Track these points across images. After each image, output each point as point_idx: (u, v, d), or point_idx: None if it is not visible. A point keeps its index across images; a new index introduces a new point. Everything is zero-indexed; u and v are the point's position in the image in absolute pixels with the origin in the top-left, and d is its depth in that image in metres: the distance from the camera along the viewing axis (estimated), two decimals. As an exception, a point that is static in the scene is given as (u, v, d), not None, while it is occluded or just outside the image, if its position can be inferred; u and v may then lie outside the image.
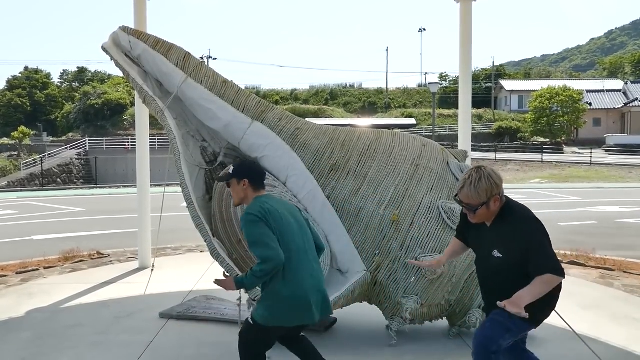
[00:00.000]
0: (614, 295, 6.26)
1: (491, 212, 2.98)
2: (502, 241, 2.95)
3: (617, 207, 15.84)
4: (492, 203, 2.94)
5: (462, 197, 2.96)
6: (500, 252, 2.95)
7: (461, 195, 2.97)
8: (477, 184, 2.90)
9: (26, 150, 39.85)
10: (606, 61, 78.40)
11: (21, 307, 5.80)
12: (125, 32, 4.86)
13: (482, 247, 3.09)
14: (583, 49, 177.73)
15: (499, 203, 2.96)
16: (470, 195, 2.91)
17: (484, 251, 3.06)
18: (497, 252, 2.95)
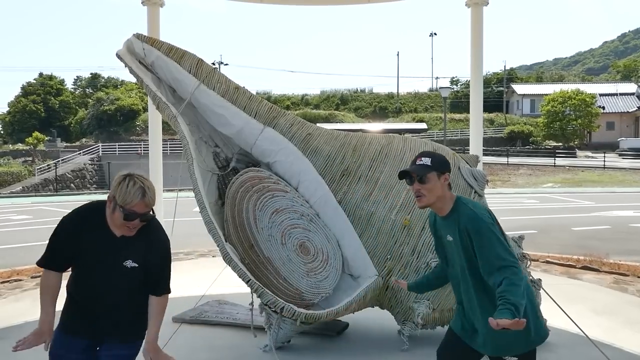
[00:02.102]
0: (628, 300, 6.21)
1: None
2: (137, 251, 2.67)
3: (631, 211, 15.71)
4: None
5: (411, 166, 2.68)
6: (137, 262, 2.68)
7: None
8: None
9: (40, 155, 40.22)
10: (619, 64, 77.74)
11: (36, 310, 5.84)
12: (139, 40, 4.91)
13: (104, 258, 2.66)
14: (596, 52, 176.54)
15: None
16: (151, 201, 2.59)
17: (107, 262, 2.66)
18: (131, 262, 2.66)
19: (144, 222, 2.63)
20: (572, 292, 6.26)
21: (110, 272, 2.65)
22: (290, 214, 4.50)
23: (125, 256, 2.65)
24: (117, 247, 2.64)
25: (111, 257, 2.63)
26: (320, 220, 4.57)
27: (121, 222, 2.58)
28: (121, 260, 2.64)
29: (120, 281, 2.67)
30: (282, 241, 4.40)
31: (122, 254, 2.64)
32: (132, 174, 2.62)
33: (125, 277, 2.66)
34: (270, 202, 4.52)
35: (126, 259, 2.65)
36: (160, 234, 2.77)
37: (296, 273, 4.34)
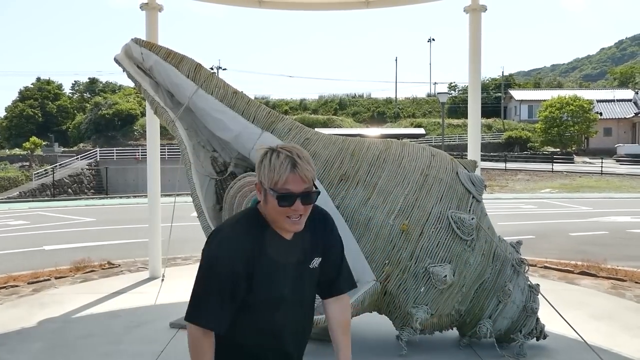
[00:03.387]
0: (625, 305, 6.21)
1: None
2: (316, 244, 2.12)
3: (629, 217, 15.73)
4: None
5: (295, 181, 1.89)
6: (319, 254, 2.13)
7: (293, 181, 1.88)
8: (302, 153, 1.95)
9: (38, 160, 40.18)
10: (617, 71, 78.07)
11: (33, 317, 5.84)
12: (138, 44, 4.91)
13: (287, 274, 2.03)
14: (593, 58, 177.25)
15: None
16: (309, 171, 1.91)
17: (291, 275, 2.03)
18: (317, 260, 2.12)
19: (307, 204, 1.93)
20: (570, 298, 6.26)
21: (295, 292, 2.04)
22: (288, 218, 4.50)
23: (310, 259, 2.08)
24: (295, 254, 2.03)
25: (292, 268, 2.03)
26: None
27: (278, 211, 1.91)
28: (306, 266, 2.07)
29: (308, 293, 2.11)
30: (280, 246, 4.39)
31: (306, 259, 2.07)
32: (274, 147, 1.95)
33: (311, 283, 2.11)
34: (268, 207, 4.51)
35: (311, 260, 2.08)
36: (326, 214, 2.18)
37: (294, 278, 4.32)
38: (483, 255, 4.44)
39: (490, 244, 4.50)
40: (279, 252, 1.98)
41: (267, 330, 2.01)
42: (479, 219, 4.46)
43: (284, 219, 1.93)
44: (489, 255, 4.49)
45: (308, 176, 1.90)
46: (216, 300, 1.89)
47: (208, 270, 1.91)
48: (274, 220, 1.96)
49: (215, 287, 1.89)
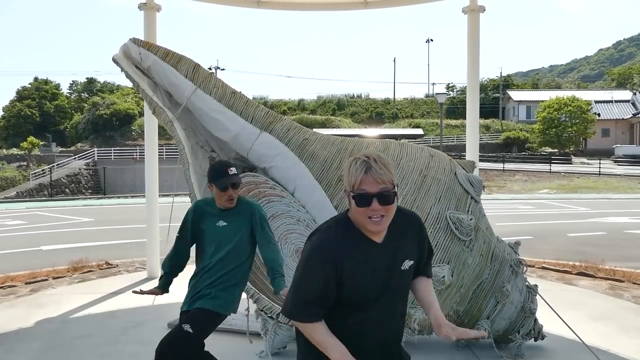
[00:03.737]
0: (623, 306, 6.22)
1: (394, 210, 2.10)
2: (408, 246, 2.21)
3: (626, 217, 15.75)
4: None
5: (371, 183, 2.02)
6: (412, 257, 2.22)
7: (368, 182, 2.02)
8: (380, 160, 2.07)
9: (35, 160, 40.11)
10: (614, 72, 78.19)
11: (30, 317, 5.83)
12: (136, 44, 4.91)
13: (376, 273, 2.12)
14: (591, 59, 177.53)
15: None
16: (383, 176, 2.02)
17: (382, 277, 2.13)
18: (408, 262, 2.19)
19: (385, 204, 2.01)
20: (567, 298, 6.26)
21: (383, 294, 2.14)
22: (287, 219, 4.50)
23: (401, 261, 2.16)
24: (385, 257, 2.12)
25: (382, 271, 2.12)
26: (316, 225, 4.56)
27: (359, 212, 2.03)
28: (397, 269, 2.15)
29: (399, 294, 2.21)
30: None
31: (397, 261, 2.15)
32: (358, 155, 2.07)
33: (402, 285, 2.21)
34: (266, 208, 4.51)
35: (402, 262, 2.16)
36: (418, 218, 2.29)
37: (292, 278, 4.32)
38: (481, 256, 4.44)
39: (488, 244, 4.50)
40: (367, 255, 2.08)
41: (356, 331, 2.13)
42: (477, 220, 4.46)
43: (366, 220, 2.04)
44: (487, 256, 4.49)
45: (383, 178, 2.01)
46: (311, 298, 2.06)
47: (302, 271, 2.09)
48: (360, 223, 2.07)
49: (310, 287, 2.06)
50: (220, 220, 3.40)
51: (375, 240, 2.10)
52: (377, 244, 2.11)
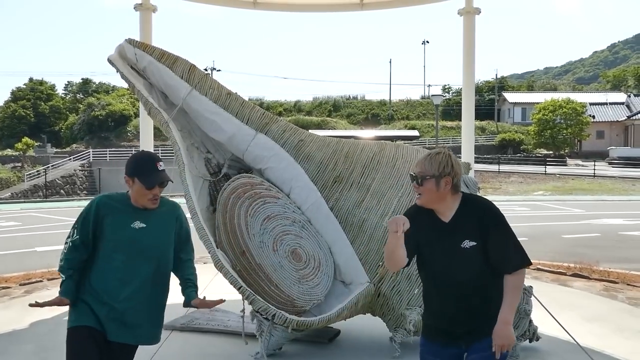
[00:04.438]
0: (617, 307, 6.23)
1: (441, 195, 2.69)
2: (470, 230, 2.67)
3: (621, 219, 15.80)
4: (444, 181, 2.68)
5: (415, 168, 2.75)
6: (473, 239, 2.65)
7: (414, 167, 2.77)
8: (433, 157, 2.74)
9: (30, 161, 39.98)
10: (609, 74, 78.47)
11: (24, 318, 5.80)
12: (131, 45, 4.90)
13: (441, 247, 2.70)
14: (586, 61, 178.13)
15: (449, 187, 2.70)
16: (424, 165, 2.71)
17: (443, 251, 2.68)
18: (468, 242, 2.64)
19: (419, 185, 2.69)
20: (562, 300, 6.28)
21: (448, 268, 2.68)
22: (282, 220, 4.49)
23: (461, 240, 2.66)
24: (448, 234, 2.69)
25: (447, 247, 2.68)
26: (312, 226, 4.56)
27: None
28: (458, 246, 2.66)
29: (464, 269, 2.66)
30: (274, 248, 4.39)
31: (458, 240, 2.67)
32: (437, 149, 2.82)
33: (466, 261, 2.65)
34: (262, 209, 4.51)
35: (462, 241, 2.66)
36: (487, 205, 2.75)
37: (288, 280, 4.32)
38: (476, 257, 4.45)
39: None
40: (434, 231, 2.70)
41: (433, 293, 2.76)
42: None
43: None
44: (483, 257, 4.50)
45: (424, 167, 2.69)
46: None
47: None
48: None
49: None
50: (137, 221, 2.86)
51: (443, 220, 2.72)
52: (445, 223, 2.71)
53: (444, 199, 2.72)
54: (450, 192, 2.70)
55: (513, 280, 2.66)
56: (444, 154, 2.75)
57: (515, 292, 2.66)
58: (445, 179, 2.68)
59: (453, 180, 2.69)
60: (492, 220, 2.69)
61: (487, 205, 2.76)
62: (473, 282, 2.67)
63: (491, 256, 2.66)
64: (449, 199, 2.72)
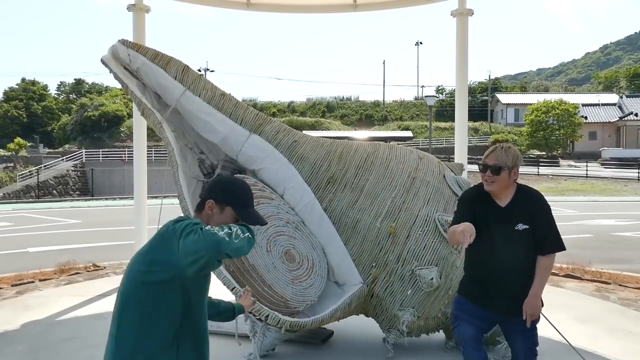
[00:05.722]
0: (610, 308, 6.27)
1: (508, 184, 3.18)
2: (524, 214, 3.13)
3: (613, 220, 15.88)
4: (513, 172, 3.17)
5: (490, 159, 3.17)
6: (526, 223, 3.11)
7: (489, 158, 3.18)
8: (507, 149, 3.20)
9: (22, 161, 39.76)
10: (601, 75, 78.88)
11: (16, 319, 5.78)
12: (125, 45, 4.88)
13: (497, 226, 3.13)
14: (578, 63, 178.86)
15: (516, 177, 3.20)
16: (500, 157, 3.15)
17: (500, 231, 3.11)
18: (521, 225, 3.11)
19: (494, 174, 3.13)
20: (554, 300, 6.30)
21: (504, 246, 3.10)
22: (276, 221, 4.49)
23: (516, 223, 3.12)
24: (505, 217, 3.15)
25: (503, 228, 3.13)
26: (305, 227, 4.56)
27: (481, 176, 3.21)
28: (512, 228, 3.11)
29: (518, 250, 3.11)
30: (268, 248, 4.38)
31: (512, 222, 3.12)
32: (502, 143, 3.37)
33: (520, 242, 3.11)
34: (256, 209, 4.50)
35: (516, 224, 3.11)
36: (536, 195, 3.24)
37: (281, 281, 4.32)
38: (469, 258, 4.47)
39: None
40: (491, 213, 3.15)
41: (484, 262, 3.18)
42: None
43: (484, 183, 3.20)
44: (475, 258, 4.52)
45: (499, 158, 3.15)
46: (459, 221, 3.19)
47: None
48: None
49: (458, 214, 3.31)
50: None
51: (500, 205, 3.18)
52: (501, 208, 3.18)
53: (509, 187, 3.19)
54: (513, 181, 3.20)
55: (545, 261, 3.15)
56: (513, 147, 3.23)
57: (546, 272, 3.19)
58: (515, 169, 3.17)
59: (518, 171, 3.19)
60: (542, 208, 3.17)
61: (538, 196, 3.24)
62: (523, 260, 3.12)
63: (535, 238, 3.13)
64: (510, 187, 3.19)
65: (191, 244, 2.05)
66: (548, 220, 3.17)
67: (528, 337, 3.20)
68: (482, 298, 3.23)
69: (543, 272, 3.17)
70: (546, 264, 3.16)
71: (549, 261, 3.17)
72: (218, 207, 2.39)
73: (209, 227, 2.13)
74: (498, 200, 3.19)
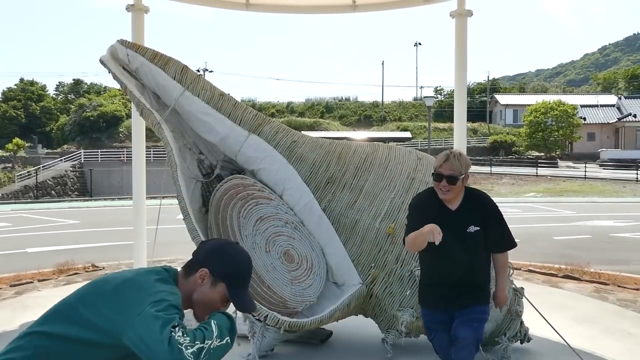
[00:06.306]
0: (608, 309, 6.27)
1: (461, 190, 3.29)
2: (474, 217, 3.27)
3: (612, 221, 15.89)
4: (466, 178, 3.27)
5: (445, 168, 3.22)
6: (477, 225, 3.26)
7: (444, 168, 3.23)
8: (459, 157, 3.25)
9: (21, 162, 39.75)
10: (600, 76, 78.99)
11: (15, 320, 5.77)
12: (123, 45, 4.88)
13: (449, 230, 3.13)
14: (577, 64, 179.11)
15: (466, 182, 3.31)
16: (454, 166, 3.20)
17: (452, 234, 3.16)
18: (473, 227, 3.25)
19: (451, 183, 3.19)
20: (553, 301, 6.31)
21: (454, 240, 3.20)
22: (275, 221, 4.49)
23: (467, 226, 3.25)
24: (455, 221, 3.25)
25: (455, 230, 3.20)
26: (304, 228, 4.56)
27: (435, 185, 3.27)
28: (464, 231, 3.23)
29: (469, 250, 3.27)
30: (267, 249, 4.39)
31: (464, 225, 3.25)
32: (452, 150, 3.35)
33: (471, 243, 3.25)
34: (254, 210, 4.50)
35: (468, 227, 3.24)
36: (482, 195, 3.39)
37: (280, 281, 4.32)
38: (468, 259, 4.47)
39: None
40: (443, 218, 3.18)
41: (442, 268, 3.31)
42: (465, 223, 4.48)
43: (438, 191, 3.26)
44: (474, 259, 4.52)
45: (454, 168, 3.19)
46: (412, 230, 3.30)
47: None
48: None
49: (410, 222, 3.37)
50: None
51: (450, 208, 3.28)
52: (452, 211, 3.28)
53: (461, 192, 3.29)
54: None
55: (502, 258, 3.41)
56: (463, 153, 3.29)
57: (505, 267, 3.47)
58: (467, 175, 3.27)
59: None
60: (492, 210, 3.33)
61: (487, 199, 3.39)
62: (475, 259, 3.30)
63: (488, 239, 3.30)
64: (461, 192, 3.30)
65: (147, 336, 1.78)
66: (499, 221, 3.35)
67: (476, 327, 3.32)
68: (442, 301, 3.38)
69: (503, 269, 3.43)
70: (503, 260, 3.42)
71: (505, 258, 3.42)
72: (210, 280, 2.13)
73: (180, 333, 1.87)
74: (449, 205, 3.31)
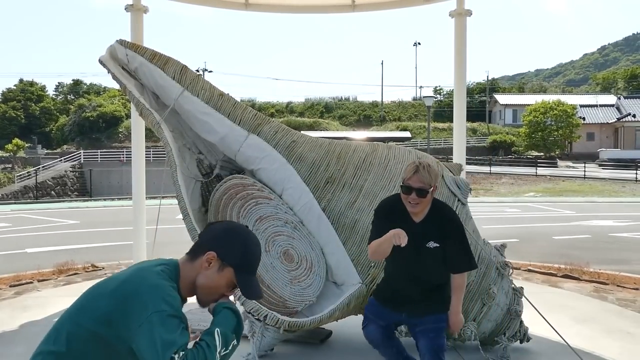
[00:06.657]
0: (607, 309, 6.27)
1: (428, 202, 3.21)
2: (436, 234, 3.20)
3: (611, 221, 15.90)
4: (434, 190, 3.19)
5: (415, 181, 3.12)
6: (437, 242, 3.19)
7: (413, 180, 3.13)
8: (429, 168, 3.13)
9: (20, 162, 39.76)
10: (599, 76, 79.03)
11: (15, 320, 5.77)
12: (123, 45, 4.88)
13: (410, 243, 3.02)
14: (577, 64, 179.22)
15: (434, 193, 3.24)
16: (424, 178, 3.11)
17: (412, 246, 3.07)
18: (432, 243, 3.19)
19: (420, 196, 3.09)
20: (553, 301, 6.31)
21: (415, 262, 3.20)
22: (274, 221, 4.49)
23: (427, 241, 3.17)
24: (418, 233, 3.14)
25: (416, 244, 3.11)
26: (304, 227, 4.56)
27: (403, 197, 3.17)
28: (424, 245, 3.16)
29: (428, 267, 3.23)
30: (266, 248, 4.39)
31: (425, 240, 3.17)
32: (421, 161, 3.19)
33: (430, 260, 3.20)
34: (254, 210, 4.51)
35: (428, 242, 3.17)
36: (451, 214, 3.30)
37: (280, 281, 4.32)
38: (468, 258, 4.47)
39: (474, 247, 4.52)
40: (406, 229, 3.01)
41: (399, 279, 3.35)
42: (464, 222, 4.47)
43: (407, 204, 3.17)
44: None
45: (423, 180, 3.09)
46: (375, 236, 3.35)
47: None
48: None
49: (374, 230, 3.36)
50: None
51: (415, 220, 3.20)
52: (415, 224, 3.19)
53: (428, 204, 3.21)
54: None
55: (459, 280, 3.29)
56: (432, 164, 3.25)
57: (461, 289, 3.32)
58: (435, 187, 3.17)
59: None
60: (453, 229, 3.24)
61: (451, 217, 3.29)
62: (432, 274, 3.27)
63: (447, 257, 3.23)
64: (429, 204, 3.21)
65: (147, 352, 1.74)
66: (460, 242, 3.26)
67: (432, 337, 3.28)
68: (390, 301, 3.42)
69: (459, 290, 3.31)
70: (459, 282, 3.30)
71: (462, 279, 3.31)
72: (218, 264, 2.07)
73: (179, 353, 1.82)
74: (414, 216, 3.24)
